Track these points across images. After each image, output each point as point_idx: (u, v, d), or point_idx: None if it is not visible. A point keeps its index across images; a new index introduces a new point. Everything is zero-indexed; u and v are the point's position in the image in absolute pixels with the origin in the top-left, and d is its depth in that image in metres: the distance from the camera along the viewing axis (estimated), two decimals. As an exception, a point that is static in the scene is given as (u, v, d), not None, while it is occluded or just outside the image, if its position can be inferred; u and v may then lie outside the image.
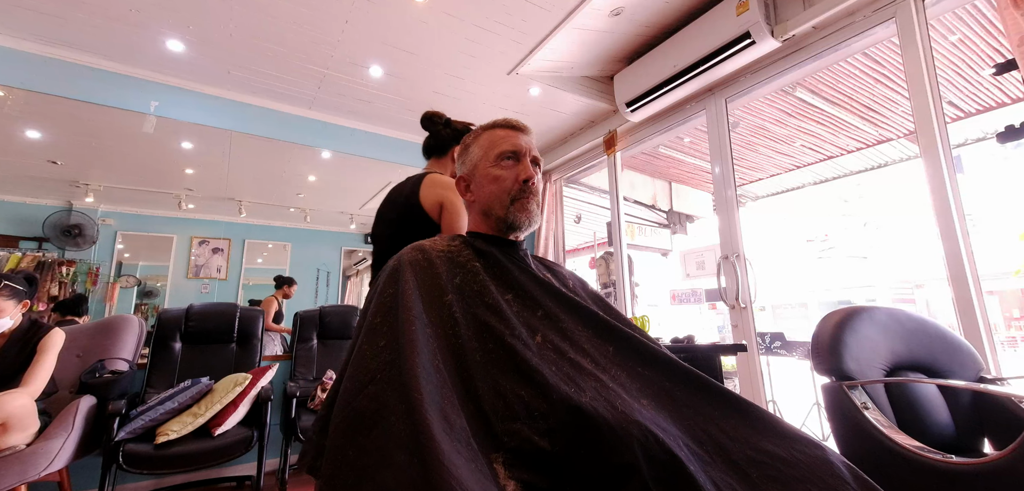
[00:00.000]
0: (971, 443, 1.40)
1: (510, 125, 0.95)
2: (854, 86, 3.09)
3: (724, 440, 0.65)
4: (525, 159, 0.92)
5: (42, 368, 1.86)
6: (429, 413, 0.55)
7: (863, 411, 1.28)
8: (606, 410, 0.61)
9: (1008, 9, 1.49)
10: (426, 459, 0.49)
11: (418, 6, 2.25)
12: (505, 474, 0.56)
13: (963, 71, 2.83)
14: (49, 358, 1.90)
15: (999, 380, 1.50)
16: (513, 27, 2.42)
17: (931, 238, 1.79)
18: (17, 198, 4.65)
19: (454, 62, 2.72)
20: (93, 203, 4.70)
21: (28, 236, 4.62)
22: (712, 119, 2.73)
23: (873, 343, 1.42)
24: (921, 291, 10.87)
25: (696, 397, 0.71)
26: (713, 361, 1.74)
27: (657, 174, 5.12)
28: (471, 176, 0.95)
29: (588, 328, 0.79)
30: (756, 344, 2.43)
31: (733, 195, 2.60)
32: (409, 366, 0.60)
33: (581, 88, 3.09)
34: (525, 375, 0.65)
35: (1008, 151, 7.85)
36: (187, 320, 2.73)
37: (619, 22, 2.53)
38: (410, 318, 0.68)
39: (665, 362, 0.76)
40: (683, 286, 8.09)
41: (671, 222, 5.60)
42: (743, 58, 2.34)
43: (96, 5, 2.23)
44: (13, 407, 1.65)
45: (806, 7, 2.15)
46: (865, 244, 11.89)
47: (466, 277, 0.80)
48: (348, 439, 0.57)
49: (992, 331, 1.67)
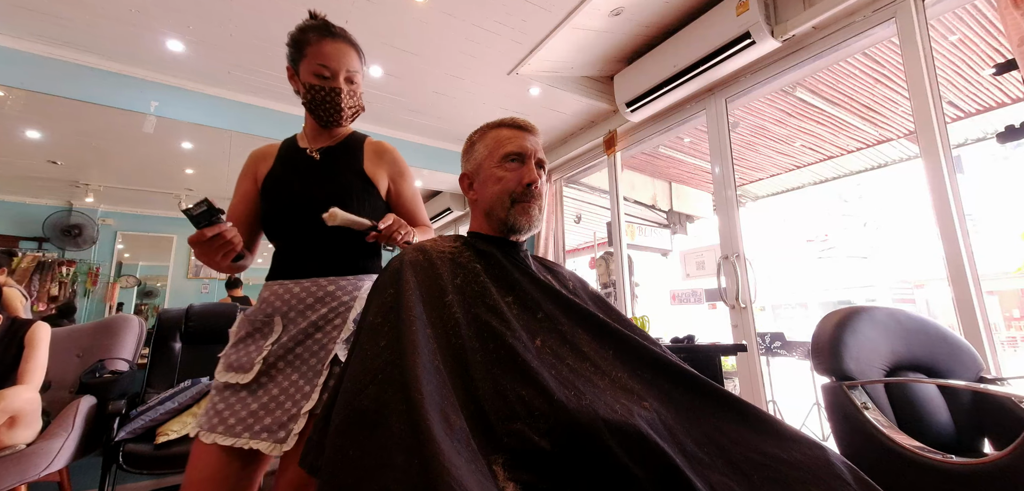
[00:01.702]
0: (971, 443, 1.40)
1: (517, 125, 0.93)
2: (854, 86, 3.09)
3: (724, 442, 0.65)
4: (530, 161, 0.90)
5: (36, 362, 1.83)
6: (430, 413, 0.55)
7: (863, 411, 1.28)
8: (605, 413, 0.61)
9: (1008, 9, 1.49)
10: (426, 460, 0.49)
11: (418, 6, 2.25)
12: (505, 476, 0.56)
13: (963, 71, 2.83)
14: (41, 351, 1.87)
15: (999, 380, 1.50)
16: (513, 27, 2.42)
17: (931, 238, 1.79)
18: (17, 198, 4.66)
19: (454, 62, 2.72)
20: (93, 203, 4.71)
21: (28, 236, 4.63)
22: (712, 119, 2.73)
23: (873, 343, 1.42)
24: (921, 291, 10.87)
25: (696, 399, 0.71)
26: (713, 361, 1.74)
27: (657, 174, 5.12)
28: (475, 174, 0.94)
29: (588, 331, 0.79)
30: (756, 344, 2.43)
31: (733, 195, 2.60)
32: (410, 366, 0.60)
33: (581, 88, 3.09)
34: (526, 376, 0.66)
35: (1008, 151, 7.86)
36: (187, 320, 2.72)
37: (619, 22, 2.53)
38: (411, 318, 0.68)
39: (665, 364, 0.76)
40: (683, 286, 8.09)
41: (671, 222, 5.60)
42: (743, 58, 2.34)
43: (96, 5, 2.23)
44: (21, 401, 1.65)
45: (806, 7, 2.15)
46: (865, 244, 11.89)
47: (467, 278, 0.80)
48: (349, 439, 0.57)
49: (992, 331, 1.67)
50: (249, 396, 0.97)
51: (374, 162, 1.18)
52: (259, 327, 1.03)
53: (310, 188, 1.08)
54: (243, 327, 1.04)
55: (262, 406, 0.96)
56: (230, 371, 0.99)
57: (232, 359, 1.01)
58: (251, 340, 1.02)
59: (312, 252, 1.07)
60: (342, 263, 1.08)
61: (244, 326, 1.05)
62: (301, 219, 1.06)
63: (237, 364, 0.99)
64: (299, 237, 1.08)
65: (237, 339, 1.03)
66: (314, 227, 1.01)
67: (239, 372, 0.98)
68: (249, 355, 1.00)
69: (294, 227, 1.08)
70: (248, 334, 1.03)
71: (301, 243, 1.08)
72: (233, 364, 1.00)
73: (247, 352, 1.00)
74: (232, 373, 0.99)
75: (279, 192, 1.09)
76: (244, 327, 1.04)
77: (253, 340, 1.02)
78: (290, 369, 0.99)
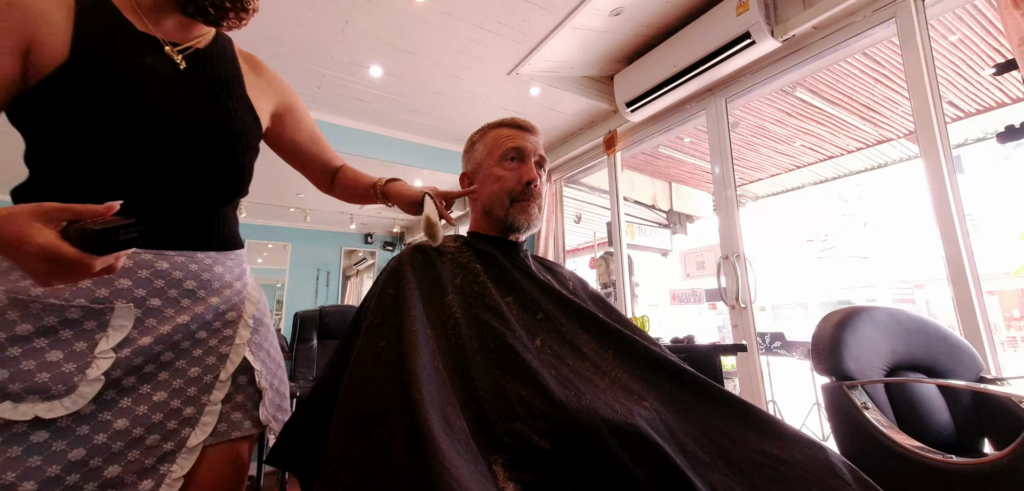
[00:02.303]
0: (971, 443, 1.40)
1: (517, 124, 0.94)
2: (854, 86, 3.09)
3: (724, 442, 0.65)
4: (530, 160, 0.91)
5: None
6: (430, 414, 0.55)
7: (863, 411, 1.28)
8: (605, 413, 0.61)
9: (1008, 9, 1.49)
10: (427, 460, 0.49)
11: (418, 6, 2.25)
12: (505, 476, 0.56)
13: (963, 71, 2.83)
14: None
15: (999, 380, 1.50)
16: (513, 27, 2.42)
17: (931, 238, 1.79)
18: (17, 198, 4.66)
19: (454, 62, 2.72)
20: None
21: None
22: (712, 119, 2.73)
23: (873, 343, 1.42)
24: (921, 291, 10.88)
25: (696, 399, 0.71)
26: (713, 361, 1.74)
27: (657, 174, 5.12)
28: (475, 173, 0.95)
29: (588, 330, 0.79)
30: (756, 344, 2.43)
31: (733, 195, 2.60)
32: (410, 366, 0.60)
33: (581, 88, 3.09)
34: (526, 376, 0.66)
35: (1008, 151, 7.86)
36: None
37: (619, 22, 2.53)
38: (411, 318, 0.68)
39: (665, 364, 0.76)
40: (683, 286, 8.09)
41: (671, 222, 5.60)
42: (743, 58, 2.34)
43: None
44: None
45: (806, 7, 2.15)
46: (865, 244, 11.90)
47: (467, 278, 0.80)
48: (349, 440, 0.57)
49: (992, 331, 1.67)
50: (64, 441, 0.58)
51: (258, 89, 0.84)
52: (76, 320, 0.62)
53: (181, 113, 0.69)
54: (20, 316, 0.59)
55: (97, 450, 0.60)
56: (22, 398, 0.57)
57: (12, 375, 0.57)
58: (54, 340, 0.60)
59: (187, 210, 0.71)
60: (223, 232, 0.77)
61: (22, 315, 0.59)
62: (172, 155, 0.68)
63: (37, 384, 0.58)
64: (166, 183, 0.68)
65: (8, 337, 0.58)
66: (192, 172, 0.70)
67: (44, 397, 0.58)
68: (61, 367, 0.59)
69: (159, 163, 0.67)
70: (43, 329, 0.60)
71: (169, 192, 0.69)
72: (28, 384, 0.57)
73: (54, 361, 0.59)
74: (32, 400, 0.57)
75: (125, 98, 0.64)
76: (25, 318, 0.59)
77: (58, 341, 0.60)
78: (151, 386, 0.66)
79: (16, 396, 0.57)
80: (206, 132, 0.72)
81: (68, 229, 0.49)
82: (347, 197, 1.03)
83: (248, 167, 0.81)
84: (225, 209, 0.78)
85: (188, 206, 0.72)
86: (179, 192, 0.70)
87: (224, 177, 0.76)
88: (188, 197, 0.71)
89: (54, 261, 0.48)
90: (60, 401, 0.59)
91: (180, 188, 0.70)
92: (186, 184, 0.70)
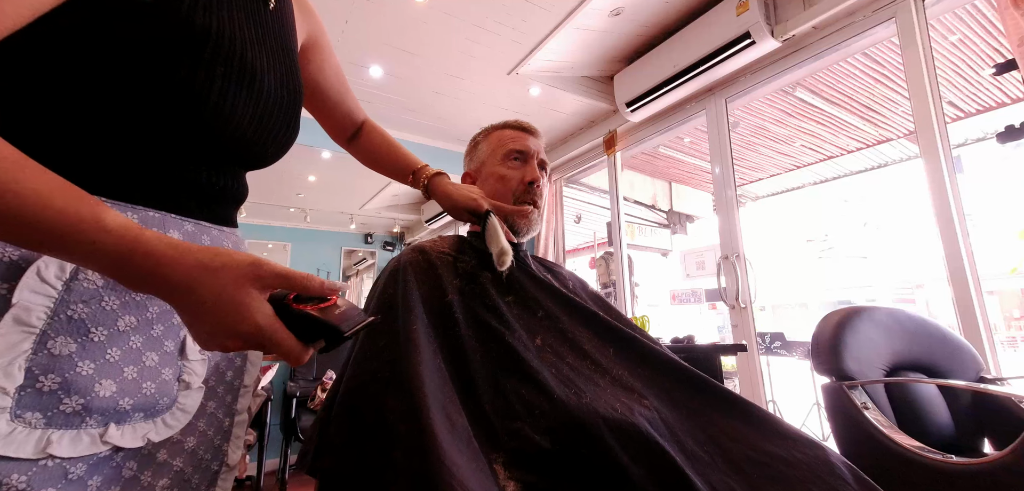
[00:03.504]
0: (971, 443, 1.40)
1: (521, 127, 0.96)
2: (854, 86, 3.09)
3: (725, 441, 0.65)
4: (532, 161, 0.92)
5: None
6: (431, 413, 0.55)
7: (863, 411, 1.28)
8: (606, 412, 0.61)
9: (1008, 9, 1.49)
10: (428, 459, 0.49)
11: (418, 6, 2.25)
12: (505, 475, 0.56)
13: (963, 71, 2.83)
14: None
15: (999, 380, 1.50)
16: (513, 27, 2.42)
17: (931, 238, 1.79)
18: (17, 198, 4.65)
19: (454, 62, 2.72)
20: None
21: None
22: (712, 119, 2.73)
23: (873, 343, 1.42)
24: (921, 291, 10.88)
25: (696, 398, 0.71)
26: (713, 361, 1.73)
27: (657, 174, 5.12)
28: (478, 173, 0.96)
29: (588, 329, 0.79)
30: (756, 344, 2.43)
31: (733, 195, 2.60)
32: (410, 366, 0.60)
33: (581, 88, 3.09)
34: (526, 375, 0.66)
35: (1008, 151, 7.86)
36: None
37: (619, 22, 2.53)
38: (411, 318, 0.68)
39: (665, 363, 0.76)
40: (683, 286, 8.10)
41: (671, 222, 5.60)
42: (743, 58, 2.34)
43: None
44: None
45: (806, 7, 2.15)
46: (865, 244, 11.91)
47: (467, 278, 0.80)
48: (350, 439, 0.57)
49: (992, 331, 1.67)
50: (149, 472, 0.45)
51: (299, 19, 0.69)
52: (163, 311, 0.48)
53: (262, 59, 0.54)
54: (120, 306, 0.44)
55: (178, 481, 0.49)
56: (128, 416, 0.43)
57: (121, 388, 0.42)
58: (148, 339, 0.46)
59: (226, 174, 0.56)
60: (230, 207, 0.61)
61: (123, 303, 0.44)
62: (244, 111, 0.52)
63: (145, 399, 0.44)
64: (216, 140, 0.51)
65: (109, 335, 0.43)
66: (261, 131, 0.55)
67: (147, 416, 0.45)
68: (160, 374, 0.46)
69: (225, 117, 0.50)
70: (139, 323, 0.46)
71: (214, 151, 0.52)
72: (138, 400, 0.44)
73: (151, 367, 0.45)
74: (137, 420, 0.43)
75: (204, 36, 0.47)
76: (125, 308, 0.44)
77: (151, 340, 0.46)
78: (206, 394, 0.53)
79: (121, 415, 0.42)
80: (278, 79, 0.57)
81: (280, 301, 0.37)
82: (370, 162, 0.89)
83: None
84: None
85: (237, 172, 0.58)
86: (232, 143, 0.53)
87: (282, 145, 0.63)
88: (242, 161, 0.58)
89: (259, 344, 0.36)
90: (162, 418, 0.45)
91: (239, 150, 0.55)
92: (247, 146, 0.55)
